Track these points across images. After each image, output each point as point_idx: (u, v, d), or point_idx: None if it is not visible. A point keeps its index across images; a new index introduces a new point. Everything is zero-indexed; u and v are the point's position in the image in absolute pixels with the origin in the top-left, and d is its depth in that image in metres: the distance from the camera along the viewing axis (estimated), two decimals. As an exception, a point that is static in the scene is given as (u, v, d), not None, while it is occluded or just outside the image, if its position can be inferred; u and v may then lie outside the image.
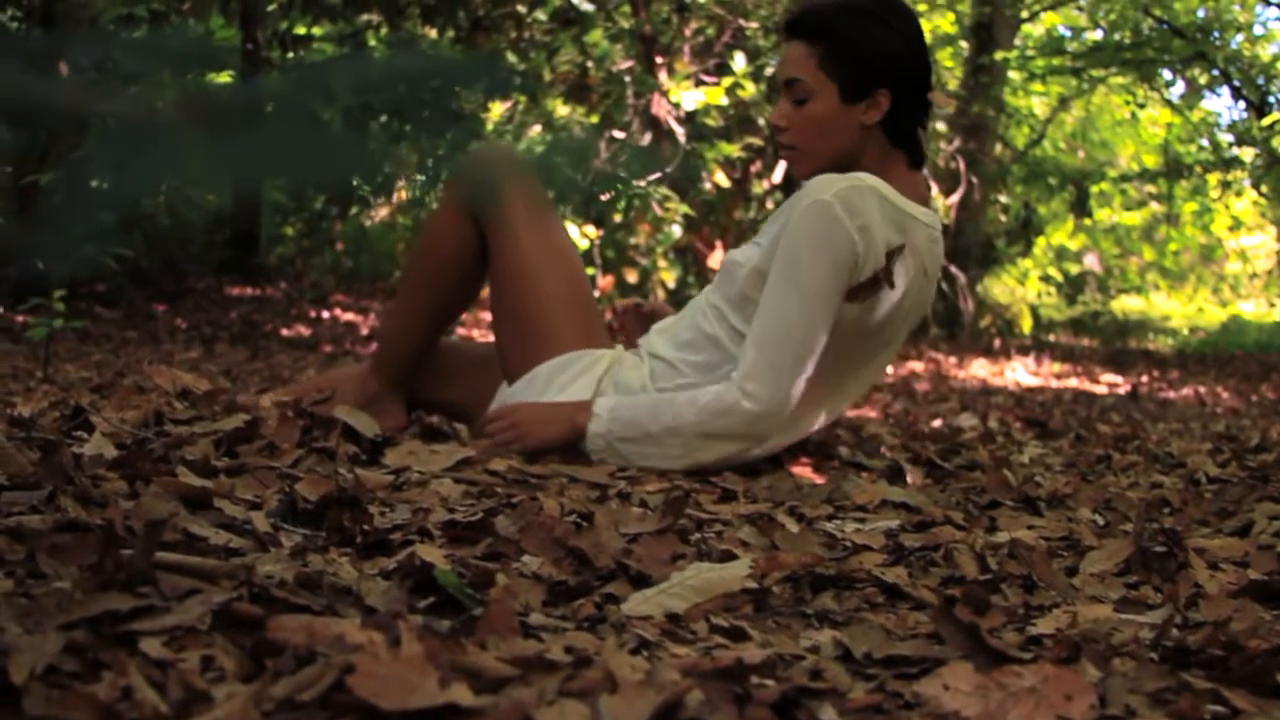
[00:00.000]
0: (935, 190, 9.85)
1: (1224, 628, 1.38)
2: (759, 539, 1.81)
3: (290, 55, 9.27)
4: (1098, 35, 11.51)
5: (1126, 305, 17.91)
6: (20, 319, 7.65)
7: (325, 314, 10.37)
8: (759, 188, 11.40)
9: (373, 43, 10.20)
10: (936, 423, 4.80)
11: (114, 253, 5.36)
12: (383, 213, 13.83)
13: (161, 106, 0.86)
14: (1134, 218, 18.17)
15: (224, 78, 12.91)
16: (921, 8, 10.50)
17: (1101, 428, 4.45)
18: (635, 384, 2.60)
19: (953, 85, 11.95)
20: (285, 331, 9.16)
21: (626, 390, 2.59)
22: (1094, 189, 13.07)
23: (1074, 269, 16.87)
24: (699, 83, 9.63)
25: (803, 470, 2.68)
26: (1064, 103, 14.30)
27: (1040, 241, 15.13)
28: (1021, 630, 1.44)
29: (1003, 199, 12.09)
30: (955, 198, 9.94)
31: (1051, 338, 13.13)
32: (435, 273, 2.73)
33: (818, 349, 2.41)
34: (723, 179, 9.80)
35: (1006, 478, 2.43)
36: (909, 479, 2.56)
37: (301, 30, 9.65)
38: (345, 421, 2.55)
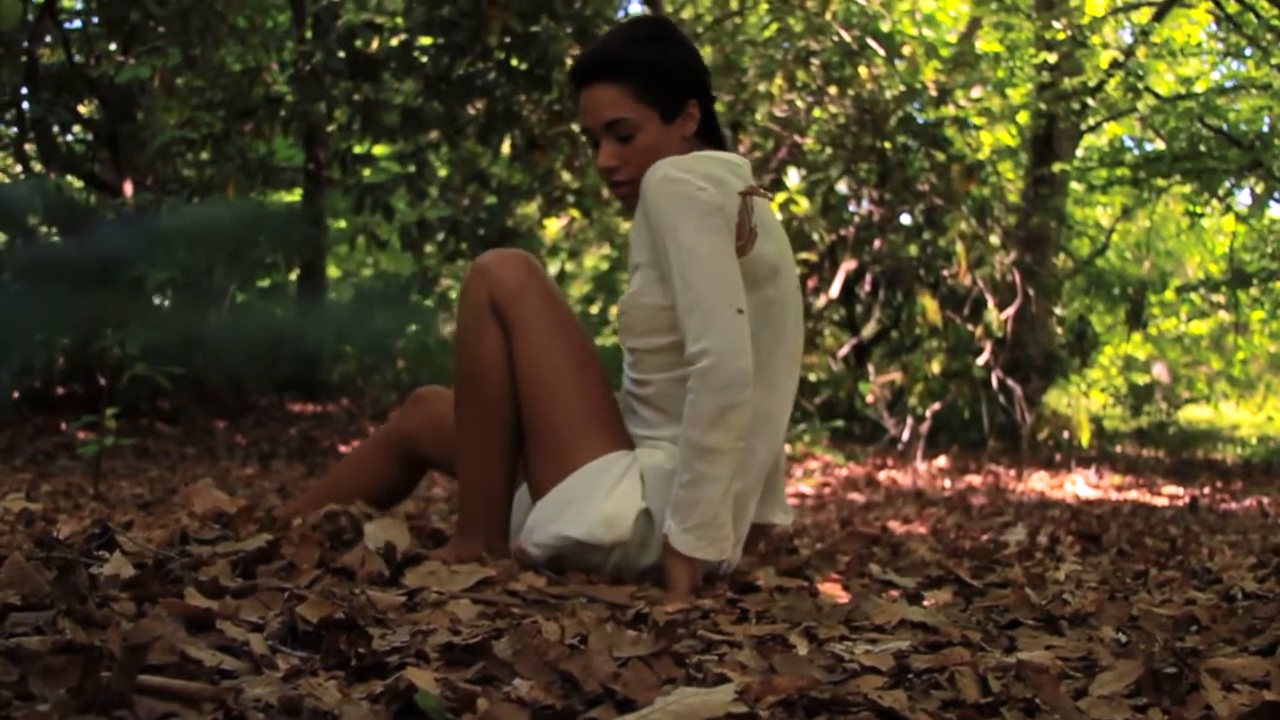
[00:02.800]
0: (991, 303, 9.84)
1: (1219, 753, 1.35)
2: (758, 662, 1.79)
3: (351, 175, 9.41)
4: (1161, 145, 11.49)
5: (1194, 415, 17.68)
6: (81, 434, 7.76)
7: (385, 429, 10.41)
8: (819, 303, 11.41)
9: (435, 161, 10.35)
10: (985, 538, 4.75)
11: (167, 371, 5.42)
12: (446, 329, 13.95)
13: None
14: (1201, 327, 18.01)
15: (293, 197, 13.17)
16: (979, 121, 10.54)
17: (1149, 541, 4.39)
18: (661, 459, 2.59)
19: (1013, 197, 11.96)
20: (343, 447, 9.21)
21: (659, 472, 2.57)
22: (1154, 298, 12.99)
23: (1142, 379, 16.71)
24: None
25: (830, 587, 2.66)
26: (1126, 213, 14.25)
27: (1108, 351, 15.01)
28: (1015, 755, 1.42)
29: (1058, 311, 12.04)
30: (1011, 311, 9.89)
31: (1119, 448, 12.99)
32: (487, 403, 2.65)
33: (736, 292, 2.46)
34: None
35: (1028, 596, 2.40)
36: (932, 598, 2.53)
37: (360, 149, 9.81)
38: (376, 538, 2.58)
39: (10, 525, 3.11)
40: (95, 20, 10.12)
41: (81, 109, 10.41)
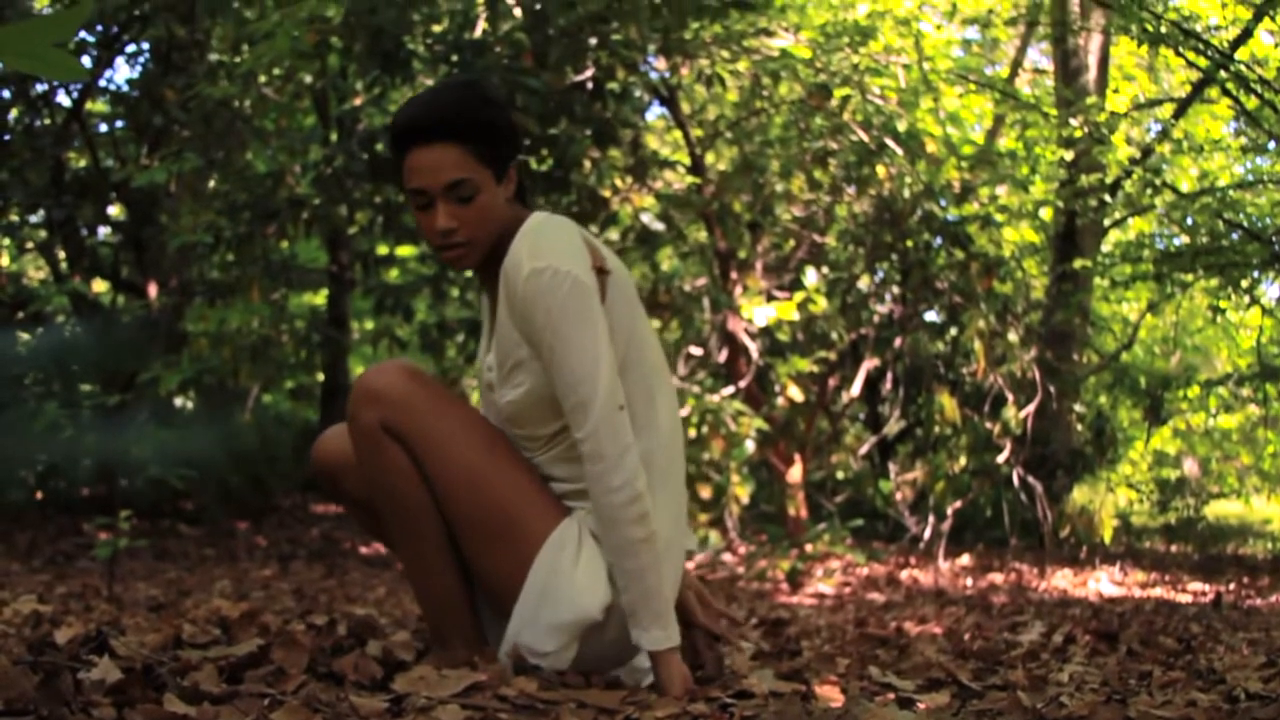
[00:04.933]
0: (1010, 400, 9.80)
1: None
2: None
3: (373, 276, 9.49)
4: (1188, 240, 11.48)
5: (1225, 510, 17.49)
6: (104, 534, 7.79)
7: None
8: (839, 402, 11.40)
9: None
10: (1005, 636, 4.71)
11: (179, 474, 5.44)
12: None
13: None
14: (1230, 421, 17.87)
15: (318, 298, 13.22)
16: (1001, 218, 10.56)
17: (1162, 640, 4.35)
18: None
19: (1038, 294, 11.95)
20: (364, 549, 9.21)
21: None
22: (1181, 393, 12.91)
23: (1172, 474, 16.53)
24: (770, 297, 9.73)
25: (827, 691, 2.65)
26: (1151, 307, 14.22)
27: (1138, 446, 14.89)
28: None
29: (1078, 408, 11.98)
30: (1031, 408, 9.85)
31: (1147, 544, 12.85)
32: (413, 518, 2.62)
33: (616, 388, 2.51)
34: (797, 393, 9.83)
35: (1020, 699, 2.38)
36: (927, 701, 2.51)
37: (384, 250, 9.90)
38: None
39: (16, 628, 3.12)
40: (121, 124, 10.31)
41: (113, 211, 10.57)
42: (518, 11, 8.10)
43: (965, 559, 9.65)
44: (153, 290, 9.83)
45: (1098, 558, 9.92)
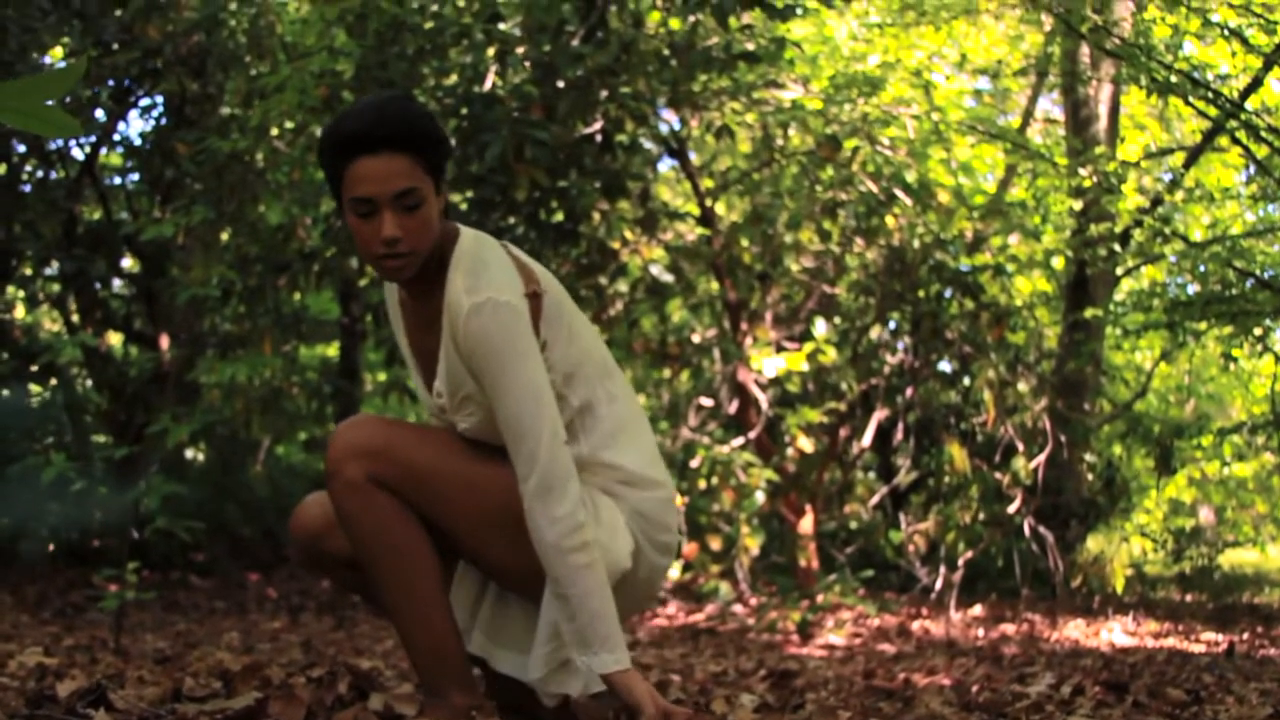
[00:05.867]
0: (1020, 449, 9.77)
1: None
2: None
3: (384, 328, 9.51)
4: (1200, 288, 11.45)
5: (1240, 558, 17.38)
6: (114, 587, 7.79)
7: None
8: (850, 452, 11.38)
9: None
10: (1015, 688, 4.68)
11: (186, 525, 5.45)
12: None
13: None
14: (1245, 469, 17.80)
15: (331, 350, 13.24)
16: (1012, 268, 10.57)
17: (1170, 691, 4.32)
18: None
19: (1051, 343, 11.93)
20: (373, 600, 9.19)
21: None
22: (1194, 442, 12.85)
23: (1187, 522, 16.42)
24: (780, 348, 9.73)
25: (828, 743, 2.64)
26: (1164, 356, 14.18)
27: (1153, 495, 14.82)
28: None
29: (1089, 458, 11.93)
30: (1041, 458, 9.82)
31: (1162, 593, 12.77)
32: (408, 555, 2.62)
33: (556, 420, 2.57)
34: (807, 444, 9.81)
35: (1019, 752, 2.37)
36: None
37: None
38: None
39: (20, 681, 3.13)
40: (134, 177, 10.38)
41: (126, 263, 10.62)
42: (527, 64, 8.14)
43: (977, 609, 9.61)
44: (164, 342, 9.87)
45: (1110, 608, 9.87)
